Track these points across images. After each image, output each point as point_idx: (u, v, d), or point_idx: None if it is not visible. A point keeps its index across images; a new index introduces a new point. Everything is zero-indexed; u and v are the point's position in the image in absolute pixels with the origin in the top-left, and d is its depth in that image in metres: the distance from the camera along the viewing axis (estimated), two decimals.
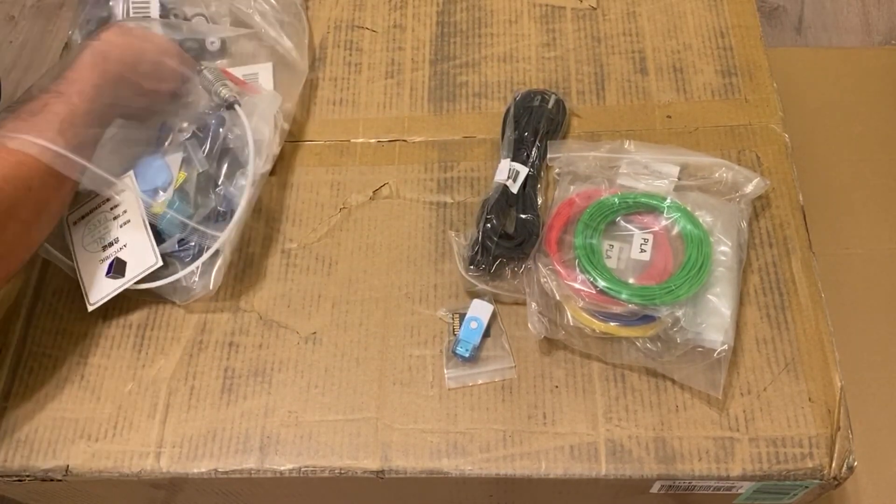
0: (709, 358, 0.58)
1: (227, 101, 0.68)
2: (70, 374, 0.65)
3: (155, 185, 0.66)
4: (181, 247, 0.65)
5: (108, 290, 0.64)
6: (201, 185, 0.66)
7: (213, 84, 0.69)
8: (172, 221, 0.65)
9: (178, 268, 0.65)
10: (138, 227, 0.64)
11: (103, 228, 0.65)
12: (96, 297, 0.64)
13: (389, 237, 0.68)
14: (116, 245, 0.65)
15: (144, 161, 0.67)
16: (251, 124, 0.67)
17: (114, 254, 0.64)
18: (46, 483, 0.62)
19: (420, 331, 0.64)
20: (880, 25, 1.29)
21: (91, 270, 0.65)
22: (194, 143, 0.67)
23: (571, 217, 0.63)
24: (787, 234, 0.65)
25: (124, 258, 0.64)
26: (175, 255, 0.66)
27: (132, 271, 0.64)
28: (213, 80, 0.69)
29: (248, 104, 0.69)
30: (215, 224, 0.65)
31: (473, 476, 0.58)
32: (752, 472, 0.57)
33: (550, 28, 0.78)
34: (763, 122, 0.71)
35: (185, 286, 0.64)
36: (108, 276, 0.64)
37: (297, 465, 0.60)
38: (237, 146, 0.68)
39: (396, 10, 0.81)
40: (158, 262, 0.63)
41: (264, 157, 0.68)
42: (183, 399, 0.63)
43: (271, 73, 0.76)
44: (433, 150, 0.73)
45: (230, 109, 0.68)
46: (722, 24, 0.76)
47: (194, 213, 0.65)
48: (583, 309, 0.60)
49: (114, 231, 0.65)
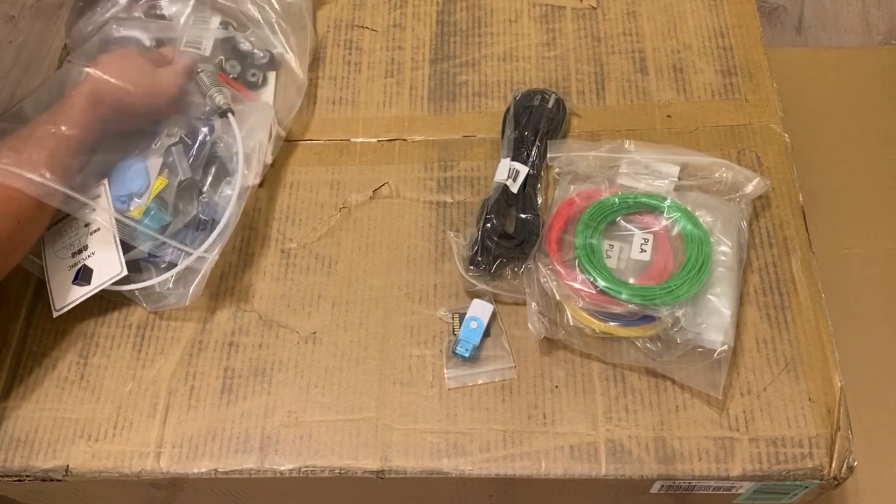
0: (709, 358, 0.58)
1: (221, 108, 0.67)
2: (70, 374, 0.64)
3: (130, 191, 0.65)
4: (157, 252, 0.64)
5: (74, 297, 0.63)
6: (183, 192, 0.65)
7: (209, 89, 0.68)
8: (146, 232, 0.63)
9: (152, 273, 0.64)
10: (107, 234, 0.63)
11: (74, 235, 0.65)
12: (61, 303, 0.64)
13: (389, 237, 0.68)
14: (85, 252, 0.64)
15: (123, 163, 0.66)
16: (242, 134, 0.66)
17: (82, 261, 0.64)
18: (46, 483, 0.62)
19: (420, 331, 0.64)
20: (880, 25, 1.29)
21: (60, 277, 0.64)
22: (180, 150, 0.66)
23: (571, 217, 0.63)
24: (787, 234, 0.65)
25: (91, 266, 0.64)
26: (151, 260, 0.65)
27: (98, 279, 0.63)
28: (209, 84, 0.68)
29: (241, 113, 0.68)
30: (196, 233, 0.64)
31: (473, 476, 0.58)
32: (752, 472, 0.57)
33: (550, 27, 0.78)
34: (763, 122, 0.71)
35: (159, 292, 0.64)
36: (74, 283, 0.63)
37: (297, 465, 0.60)
38: (226, 155, 0.67)
39: (396, 9, 0.81)
40: (123, 271, 0.63)
41: (253, 169, 0.67)
42: (183, 399, 0.63)
43: (273, 79, 0.75)
44: (433, 149, 0.72)
45: (223, 117, 0.68)
46: (722, 24, 0.76)
47: (172, 221, 0.64)
48: (583, 309, 0.60)
49: (83, 238, 0.64)
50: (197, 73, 0.69)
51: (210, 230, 0.64)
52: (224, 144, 0.67)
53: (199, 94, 0.69)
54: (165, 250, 0.64)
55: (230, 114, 0.67)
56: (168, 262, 0.64)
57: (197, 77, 0.69)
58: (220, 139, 0.67)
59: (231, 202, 0.64)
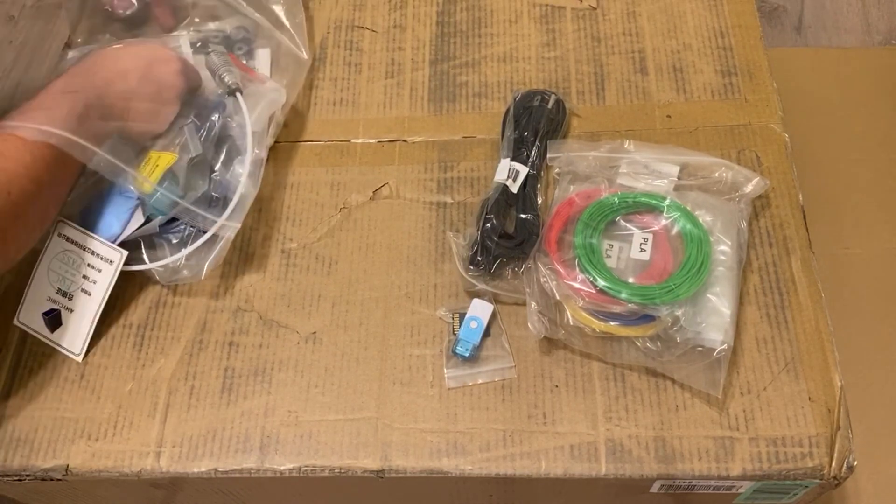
0: (709, 357, 0.58)
1: (230, 87, 0.68)
2: (70, 374, 0.65)
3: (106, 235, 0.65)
4: (170, 229, 0.65)
5: (35, 326, 0.64)
6: (194, 169, 0.66)
7: (219, 69, 0.69)
8: (162, 200, 0.63)
9: (165, 249, 0.65)
10: (93, 303, 0.64)
11: (71, 274, 0.64)
12: (25, 319, 0.65)
13: (389, 237, 0.68)
14: (67, 301, 0.64)
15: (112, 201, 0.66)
16: (252, 113, 0.67)
17: (60, 306, 0.64)
18: (46, 483, 0.62)
19: (420, 330, 0.64)
20: (880, 25, 1.29)
21: (36, 297, 0.64)
22: (192, 128, 0.67)
23: (571, 217, 0.63)
24: (787, 233, 0.65)
25: (63, 320, 0.64)
26: (164, 237, 0.65)
27: (57, 336, 0.64)
28: (219, 64, 0.69)
29: (250, 93, 0.69)
30: (207, 209, 0.65)
31: (473, 476, 0.58)
32: (752, 471, 0.57)
33: (550, 28, 0.78)
34: (763, 121, 0.71)
35: (173, 267, 0.64)
36: (43, 314, 0.64)
37: (297, 465, 0.60)
38: (237, 134, 0.68)
39: (396, 10, 0.81)
40: (80, 354, 0.64)
41: (264, 146, 0.68)
42: (183, 399, 0.63)
43: (268, 59, 0.76)
44: (433, 150, 0.73)
45: (231, 96, 0.69)
46: (722, 24, 0.76)
47: (184, 195, 0.65)
48: (583, 308, 0.60)
49: (75, 284, 0.64)
50: (207, 53, 0.70)
51: (222, 207, 0.64)
52: (236, 124, 0.68)
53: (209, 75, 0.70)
54: (178, 226, 0.65)
55: (238, 93, 0.68)
56: (182, 237, 0.65)
57: (207, 57, 0.70)
58: (232, 118, 0.68)
59: (243, 177, 0.65)
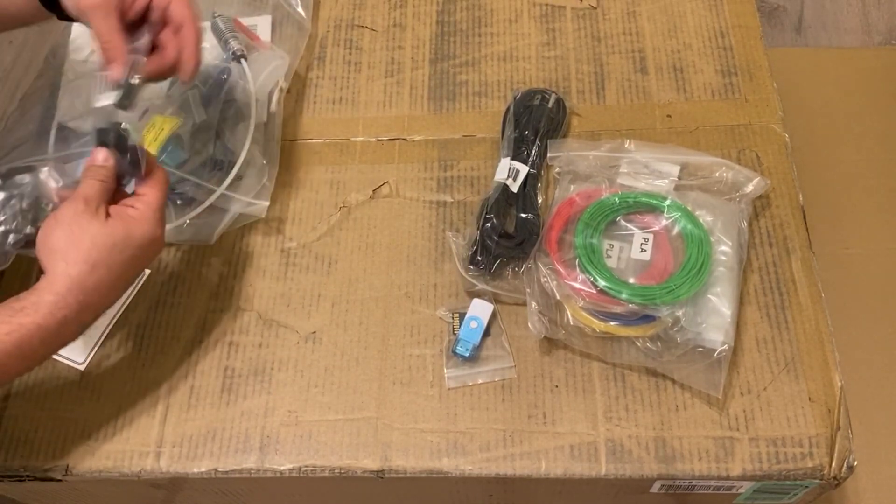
0: (709, 358, 0.58)
1: (235, 53, 0.69)
2: (70, 374, 0.64)
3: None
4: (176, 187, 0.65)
5: None
6: (198, 133, 0.66)
7: (224, 34, 0.70)
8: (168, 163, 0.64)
9: (171, 212, 0.65)
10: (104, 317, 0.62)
11: None
12: None
13: (389, 236, 0.68)
14: None
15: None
16: (256, 79, 0.68)
17: None
18: (46, 483, 0.62)
19: (420, 330, 0.64)
20: (880, 25, 1.29)
21: None
22: (196, 94, 0.67)
23: (572, 216, 0.63)
24: (787, 233, 0.65)
25: None
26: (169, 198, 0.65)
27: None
28: (224, 30, 0.70)
29: (255, 59, 0.70)
30: (212, 172, 0.65)
31: (473, 476, 0.58)
32: (752, 471, 0.56)
33: (550, 27, 0.78)
34: (763, 121, 0.71)
35: (177, 227, 0.65)
36: None
37: (296, 465, 0.59)
38: (242, 99, 0.68)
39: (396, 9, 0.81)
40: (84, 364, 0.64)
41: (267, 111, 0.69)
42: (183, 399, 0.63)
43: (269, 25, 0.77)
44: (433, 148, 0.72)
45: (236, 62, 0.69)
46: (722, 24, 0.76)
47: (188, 159, 0.65)
48: (583, 308, 0.60)
49: None
50: (214, 17, 0.71)
51: (227, 171, 0.65)
52: (241, 90, 0.69)
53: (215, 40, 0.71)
54: (185, 185, 0.65)
55: (243, 59, 0.69)
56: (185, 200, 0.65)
57: (213, 22, 0.70)
58: (237, 84, 0.69)
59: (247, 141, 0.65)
